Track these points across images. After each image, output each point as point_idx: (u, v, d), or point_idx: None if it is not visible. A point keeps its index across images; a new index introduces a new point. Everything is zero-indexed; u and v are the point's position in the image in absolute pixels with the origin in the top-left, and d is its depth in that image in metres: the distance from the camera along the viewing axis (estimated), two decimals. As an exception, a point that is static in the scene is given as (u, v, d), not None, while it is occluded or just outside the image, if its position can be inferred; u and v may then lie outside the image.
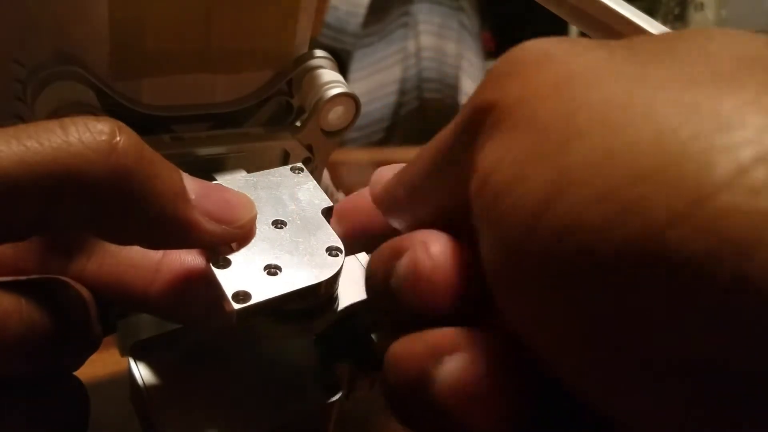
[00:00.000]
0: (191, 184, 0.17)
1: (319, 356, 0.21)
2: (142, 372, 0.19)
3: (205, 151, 0.23)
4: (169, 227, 0.16)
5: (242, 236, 0.17)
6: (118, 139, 0.15)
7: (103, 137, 0.15)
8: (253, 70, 0.25)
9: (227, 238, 0.17)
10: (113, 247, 0.19)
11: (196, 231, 0.16)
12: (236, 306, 0.16)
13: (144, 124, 0.23)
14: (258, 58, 0.25)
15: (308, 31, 0.25)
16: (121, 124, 0.15)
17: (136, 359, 0.20)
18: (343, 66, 1.29)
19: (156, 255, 0.19)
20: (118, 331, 0.22)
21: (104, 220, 0.15)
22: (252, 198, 0.18)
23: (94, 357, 0.20)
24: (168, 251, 0.19)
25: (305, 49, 0.26)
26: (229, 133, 0.25)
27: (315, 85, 0.24)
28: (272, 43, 0.25)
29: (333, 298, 0.19)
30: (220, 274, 0.16)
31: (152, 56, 0.22)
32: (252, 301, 0.16)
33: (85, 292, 0.18)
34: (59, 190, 0.14)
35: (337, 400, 0.20)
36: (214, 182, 0.19)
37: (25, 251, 0.18)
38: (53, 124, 0.14)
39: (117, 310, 0.22)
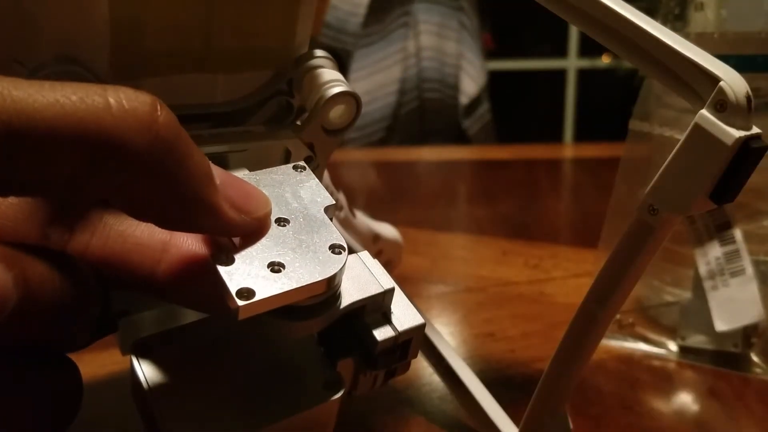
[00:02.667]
0: (216, 170, 0.17)
1: (321, 354, 0.21)
2: (144, 369, 0.19)
3: (206, 149, 0.23)
4: (193, 207, 0.16)
5: (258, 229, 0.18)
6: (159, 112, 0.15)
7: (146, 107, 0.14)
8: (253, 70, 0.25)
9: (244, 228, 0.17)
10: (118, 225, 0.19)
11: (218, 215, 0.16)
12: (240, 303, 0.16)
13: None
14: (258, 57, 0.25)
15: (308, 31, 0.25)
16: (160, 100, 0.15)
17: (138, 356, 0.20)
18: (343, 66, 1.29)
19: (163, 235, 0.19)
20: (120, 329, 0.22)
21: (133, 191, 0.15)
22: None
23: (93, 357, 0.20)
24: (175, 232, 0.19)
25: (305, 49, 0.26)
26: (231, 131, 0.25)
27: (316, 84, 0.25)
28: (272, 43, 0.25)
29: (336, 296, 0.19)
30: (223, 270, 0.16)
31: (152, 56, 0.22)
32: (256, 298, 0.16)
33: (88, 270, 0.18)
34: (100, 152, 0.14)
35: (339, 397, 0.20)
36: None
37: (25, 222, 0.18)
38: (95, 87, 0.14)
39: (118, 307, 0.22)
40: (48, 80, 0.20)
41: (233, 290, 0.16)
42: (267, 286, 0.16)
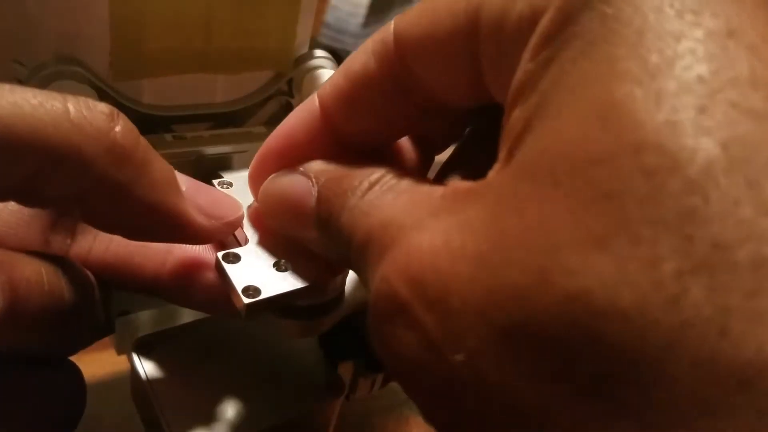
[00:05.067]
0: (182, 178, 0.17)
1: (322, 355, 0.21)
2: (145, 367, 0.19)
3: (207, 150, 0.23)
4: (158, 216, 0.16)
5: (228, 234, 0.18)
6: (116, 121, 0.15)
7: (103, 117, 0.14)
8: (253, 70, 0.25)
9: (215, 234, 0.17)
10: None
11: (186, 222, 0.16)
12: (246, 300, 0.16)
13: (144, 124, 0.23)
14: (258, 58, 0.25)
15: (308, 31, 0.25)
16: (118, 110, 0.15)
17: (139, 355, 0.20)
18: (343, 66, 1.29)
19: None
20: (117, 329, 0.22)
21: (93, 202, 0.15)
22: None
23: (93, 357, 0.20)
24: None
25: (305, 49, 0.26)
26: (232, 132, 0.25)
27: (316, 85, 0.25)
28: (273, 43, 0.25)
29: (340, 296, 0.19)
30: (230, 269, 0.16)
31: (153, 56, 0.22)
32: (262, 296, 0.16)
33: (89, 274, 0.18)
34: (56, 157, 0.14)
35: (339, 399, 0.20)
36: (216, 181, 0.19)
37: (25, 228, 0.18)
38: (55, 95, 0.14)
39: (118, 308, 0.22)
40: (48, 80, 0.20)
41: (239, 288, 0.16)
42: (273, 285, 0.16)
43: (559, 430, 0.09)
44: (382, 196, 0.13)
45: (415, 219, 0.12)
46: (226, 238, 0.18)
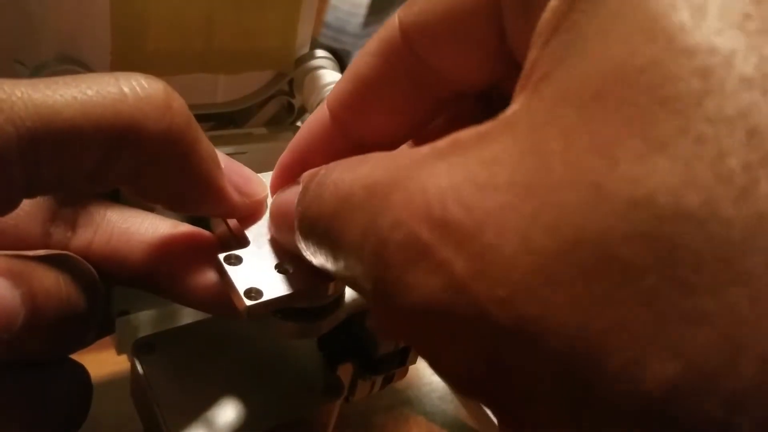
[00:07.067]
0: (220, 155, 0.17)
1: (322, 357, 0.21)
2: (145, 368, 0.19)
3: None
4: (203, 190, 0.16)
5: (257, 211, 0.18)
6: (171, 98, 0.15)
7: (161, 94, 0.15)
8: (254, 71, 0.25)
9: (244, 211, 0.18)
10: (122, 222, 0.19)
11: (224, 198, 0.17)
12: (248, 303, 0.16)
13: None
14: (259, 58, 0.25)
15: (309, 31, 0.25)
16: (168, 86, 0.15)
17: (139, 355, 0.20)
18: (343, 66, 1.29)
19: (166, 232, 0.19)
20: (117, 329, 0.22)
21: (148, 176, 0.15)
22: None
23: (93, 357, 0.20)
24: (178, 227, 0.19)
25: (306, 49, 0.26)
26: (232, 133, 0.25)
27: (317, 86, 0.25)
28: (273, 44, 0.25)
29: (340, 299, 0.19)
30: (231, 271, 0.16)
31: (154, 56, 0.22)
32: (264, 299, 0.16)
33: (95, 273, 0.18)
34: (120, 142, 0.14)
35: (338, 401, 0.20)
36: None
37: (27, 221, 0.18)
38: (109, 77, 0.14)
39: (118, 307, 0.22)
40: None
41: (241, 290, 0.16)
42: (274, 287, 0.16)
43: (621, 359, 0.08)
44: (354, 167, 0.12)
45: (415, 169, 0.11)
46: (251, 215, 0.18)
